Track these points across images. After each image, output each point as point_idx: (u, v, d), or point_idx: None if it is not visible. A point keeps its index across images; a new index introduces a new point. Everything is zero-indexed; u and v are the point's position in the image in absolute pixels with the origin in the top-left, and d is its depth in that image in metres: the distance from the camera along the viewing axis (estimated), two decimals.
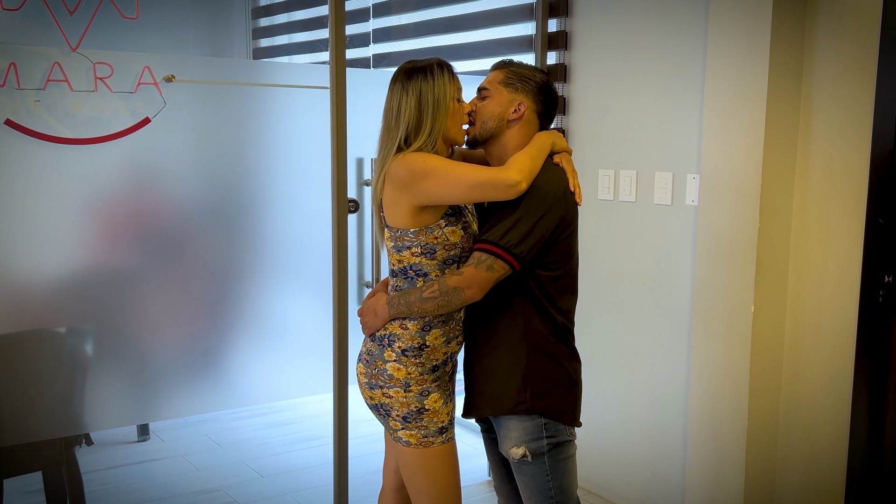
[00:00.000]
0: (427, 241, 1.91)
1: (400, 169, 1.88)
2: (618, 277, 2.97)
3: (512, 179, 1.81)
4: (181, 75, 2.43)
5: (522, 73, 1.98)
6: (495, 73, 2.01)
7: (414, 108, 1.89)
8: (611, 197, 2.97)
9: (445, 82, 1.91)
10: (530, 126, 1.99)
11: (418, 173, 1.85)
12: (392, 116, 1.93)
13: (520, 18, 3.16)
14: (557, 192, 1.88)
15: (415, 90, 1.90)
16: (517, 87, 1.97)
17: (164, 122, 2.43)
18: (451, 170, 1.85)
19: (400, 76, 1.93)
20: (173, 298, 2.62)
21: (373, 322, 1.98)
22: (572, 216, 1.93)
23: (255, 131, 2.69)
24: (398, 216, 1.92)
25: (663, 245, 2.82)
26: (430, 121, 1.90)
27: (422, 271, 1.93)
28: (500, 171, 1.84)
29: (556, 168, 1.95)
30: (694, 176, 2.70)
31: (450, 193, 1.86)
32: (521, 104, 1.96)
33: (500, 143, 1.98)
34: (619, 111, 2.92)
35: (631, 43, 2.86)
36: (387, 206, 1.94)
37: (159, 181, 2.48)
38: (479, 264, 1.84)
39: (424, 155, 1.88)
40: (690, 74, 2.69)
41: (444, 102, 1.90)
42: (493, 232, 1.85)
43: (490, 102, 1.97)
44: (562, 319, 1.95)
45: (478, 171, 1.84)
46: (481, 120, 1.97)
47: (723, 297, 2.59)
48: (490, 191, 1.84)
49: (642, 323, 2.91)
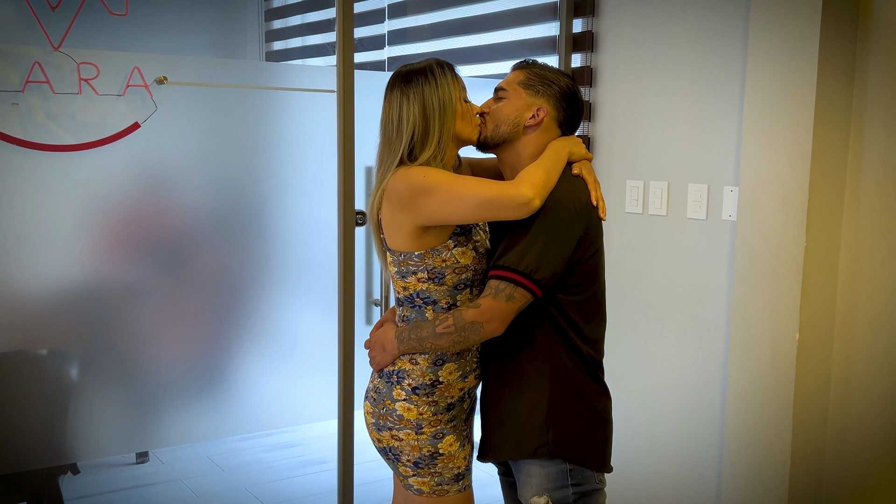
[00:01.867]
0: (434, 264, 1.71)
1: (398, 185, 1.68)
2: (647, 298, 2.75)
3: (524, 196, 1.61)
4: (174, 77, 2.24)
5: (545, 75, 1.78)
6: (515, 73, 1.81)
7: (419, 115, 1.70)
8: (639, 210, 2.75)
9: (449, 82, 1.72)
10: (549, 135, 1.79)
11: (418, 190, 1.65)
12: (392, 127, 1.72)
13: (542, 18, 2.97)
14: (578, 207, 1.68)
15: (417, 95, 1.70)
16: (538, 91, 1.76)
17: (155, 127, 2.24)
18: (455, 186, 1.65)
19: (397, 82, 1.74)
20: (169, 316, 2.44)
21: (381, 358, 1.78)
22: (596, 233, 1.72)
23: (256, 138, 2.51)
24: (399, 238, 1.72)
25: (697, 264, 2.60)
26: (437, 126, 1.70)
27: (430, 299, 1.73)
28: (511, 187, 1.63)
29: (576, 179, 1.74)
30: (732, 188, 2.48)
31: (454, 212, 1.66)
32: (541, 110, 1.76)
33: (513, 151, 1.78)
34: (649, 117, 2.71)
35: (662, 44, 2.64)
36: (386, 227, 1.75)
37: (149, 191, 2.30)
38: (497, 294, 1.63)
39: (425, 169, 1.68)
40: (728, 77, 2.47)
41: (451, 104, 1.71)
42: (509, 256, 1.64)
43: (506, 104, 1.77)
44: (588, 350, 1.73)
45: (485, 187, 1.64)
46: (494, 122, 1.77)
47: (764, 323, 2.36)
48: (499, 209, 1.63)
49: (673, 349, 2.68)
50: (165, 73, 2.23)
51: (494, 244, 1.78)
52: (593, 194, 1.73)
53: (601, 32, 2.85)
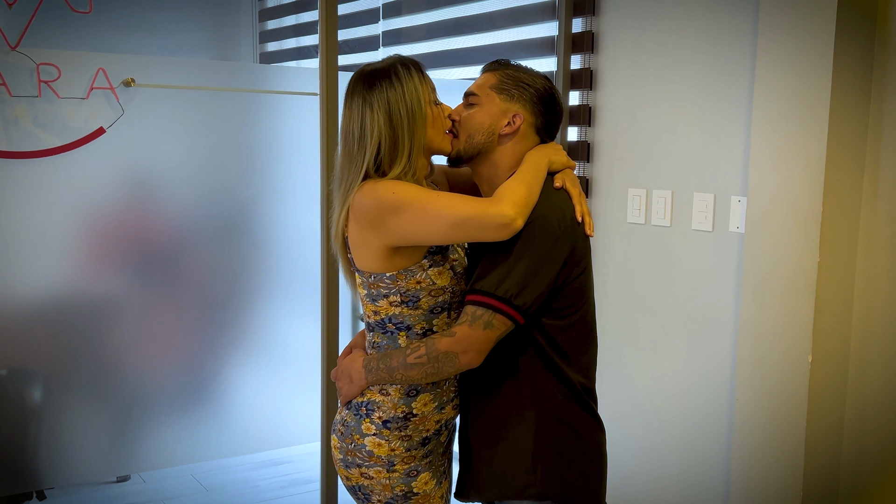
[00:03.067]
0: (408, 286, 1.55)
1: (365, 202, 1.52)
2: (649, 314, 2.59)
3: (505, 216, 1.45)
4: (143, 79, 2.11)
5: (520, 77, 1.62)
6: (487, 75, 1.65)
7: (384, 124, 1.53)
8: (642, 220, 2.60)
9: (416, 84, 1.55)
10: (527, 142, 1.63)
11: (387, 208, 1.50)
12: (353, 139, 1.56)
13: (540, 18, 2.83)
14: (562, 223, 1.53)
15: (381, 102, 1.53)
16: (512, 95, 1.61)
17: (121, 132, 2.10)
18: (428, 203, 1.49)
19: (358, 87, 1.57)
20: (144, 331, 2.30)
21: (348, 389, 1.62)
22: (583, 251, 1.57)
23: (236, 143, 2.37)
24: (369, 259, 1.56)
25: (702, 277, 2.44)
26: (407, 137, 1.54)
27: (403, 324, 1.58)
28: (490, 205, 1.47)
29: (559, 192, 1.58)
30: (739, 198, 2.32)
31: (427, 233, 1.50)
32: (517, 116, 1.61)
33: (489, 162, 1.63)
34: (652, 123, 2.55)
35: (667, 45, 2.49)
36: (354, 246, 1.59)
37: (116, 200, 2.16)
38: (474, 322, 1.48)
39: (394, 184, 1.52)
40: (736, 79, 2.31)
41: (420, 110, 1.55)
42: (487, 279, 1.49)
43: (478, 112, 1.62)
44: (578, 378, 1.58)
45: (462, 205, 1.48)
46: (467, 132, 1.62)
47: (774, 343, 2.20)
48: (477, 230, 1.47)
49: (677, 369, 2.53)
50: (133, 74, 2.09)
51: (472, 262, 1.63)
52: (578, 209, 1.58)
53: (602, 32, 2.70)
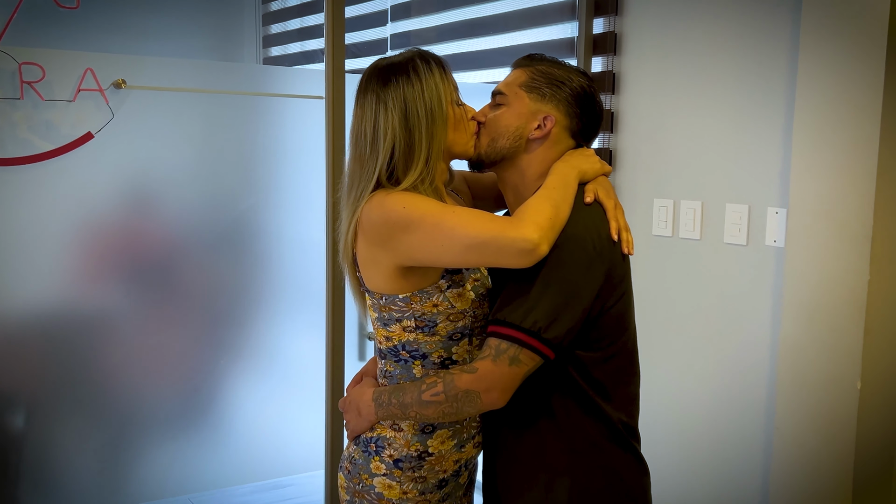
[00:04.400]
0: (423, 310, 1.39)
1: (373, 216, 1.36)
2: (677, 334, 2.42)
3: (527, 240, 1.27)
4: (134, 80, 1.95)
5: (554, 74, 1.46)
6: (517, 72, 1.49)
7: (399, 126, 1.37)
8: (668, 233, 2.43)
9: (437, 82, 1.39)
10: (559, 147, 1.46)
11: (396, 224, 1.33)
12: (365, 142, 1.39)
13: (559, 18, 2.68)
14: (597, 244, 1.35)
15: (397, 100, 1.37)
16: (544, 94, 1.44)
17: (111, 137, 1.94)
18: (442, 221, 1.32)
19: (371, 83, 1.41)
20: (137, 352, 2.14)
21: (356, 423, 1.46)
22: (621, 274, 1.40)
23: (232, 149, 2.21)
24: (379, 278, 1.40)
25: (736, 295, 2.27)
26: (425, 141, 1.37)
27: (419, 352, 1.41)
28: (510, 227, 1.29)
29: (591, 207, 1.41)
30: (777, 210, 2.15)
31: (440, 254, 1.33)
32: (548, 118, 1.44)
33: (515, 169, 1.47)
34: (679, 128, 2.39)
35: (696, 45, 2.33)
36: (363, 264, 1.43)
37: (105, 211, 2.00)
38: (498, 357, 1.31)
39: (405, 196, 1.35)
40: (774, 81, 2.14)
41: (440, 110, 1.38)
42: (513, 309, 1.32)
43: (506, 112, 1.45)
44: (619, 416, 1.41)
45: (480, 225, 1.31)
46: (491, 135, 1.45)
47: (818, 368, 2.02)
48: (496, 254, 1.30)
49: (707, 394, 2.35)
50: (124, 75, 1.93)
51: (496, 283, 1.46)
52: (613, 224, 1.40)
53: (625, 33, 2.54)
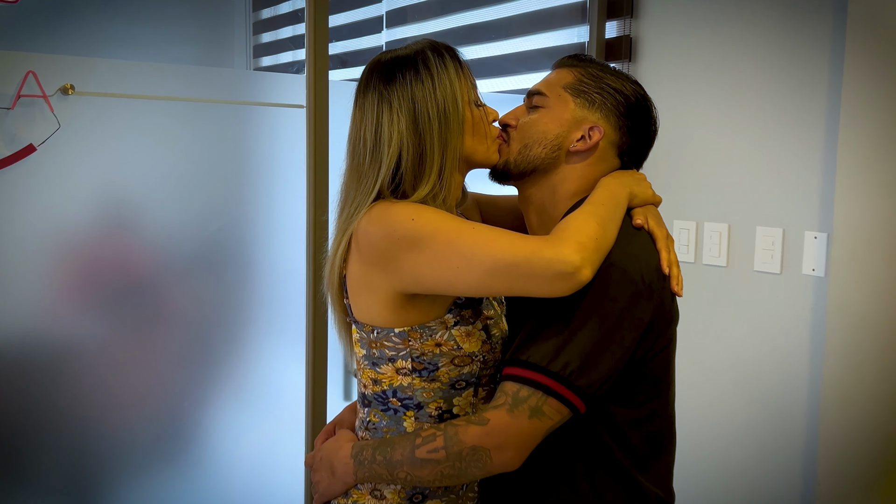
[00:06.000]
0: (423, 349, 1.15)
1: (372, 229, 1.12)
2: (700, 371, 2.16)
3: (567, 262, 1.03)
4: (84, 85, 1.71)
5: (604, 79, 1.23)
6: (561, 72, 1.25)
7: (407, 130, 1.14)
8: (691, 258, 2.18)
9: (452, 78, 1.16)
10: (602, 167, 1.24)
11: (402, 239, 1.09)
12: (364, 150, 1.16)
13: (568, 22, 2.47)
14: (646, 275, 1.11)
15: (404, 100, 1.14)
16: (592, 101, 1.22)
17: (57, 151, 1.70)
18: (459, 238, 1.08)
19: (373, 80, 1.18)
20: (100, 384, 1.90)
21: (328, 485, 1.21)
22: (669, 315, 1.16)
23: (200, 163, 1.97)
24: (372, 307, 1.16)
25: (768, 329, 2.01)
26: (437, 148, 1.14)
27: (413, 401, 1.16)
28: (546, 246, 1.05)
29: (640, 234, 1.18)
30: (816, 234, 1.90)
31: (452, 279, 1.08)
32: (595, 129, 1.21)
33: (546, 185, 1.23)
34: (703, 142, 2.14)
35: (721, 50, 2.09)
36: (353, 288, 1.18)
37: (50, 231, 1.75)
38: (516, 407, 1.06)
39: (414, 207, 1.12)
40: (814, 91, 1.90)
41: (456, 112, 1.15)
42: (538, 347, 1.08)
43: (544, 116, 1.22)
44: (655, 491, 1.16)
45: (506, 243, 1.06)
46: (524, 141, 1.22)
47: (868, 413, 1.76)
48: (525, 280, 1.05)
49: (736, 442, 2.09)
50: (73, 79, 1.69)
51: (514, 322, 1.22)
52: (664, 256, 1.17)
53: (641, 37, 2.31)
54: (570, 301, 1.06)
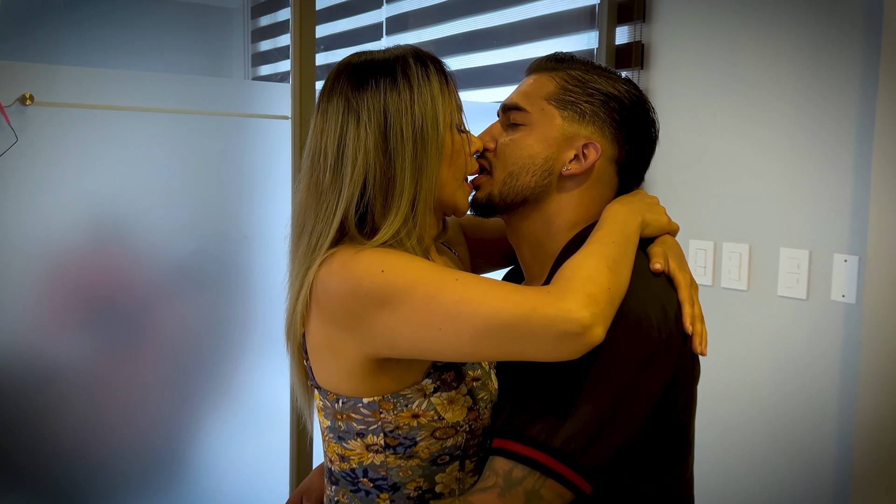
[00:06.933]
0: (398, 422, 0.98)
1: (334, 284, 0.94)
2: (717, 402, 1.99)
3: (574, 319, 0.85)
4: (45, 95, 1.57)
5: (591, 82, 1.05)
6: (540, 78, 1.07)
7: (374, 148, 0.96)
8: (708, 282, 2.01)
9: (435, 93, 0.98)
10: (602, 188, 1.06)
11: (371, 297, 0.92)
12: (325, 164, 0.99)
13: (576, 28, 2.33)
14: (664, 328, 0.93)
15: (374, 111, 0.97)
16: (583, 112, 1.04)
17: (14, 166, 1.56)
18: (441, 291, 0.90)
19: (340, 83, 1.00)
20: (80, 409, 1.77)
21: None
22: (689, 374, 0.97)
23: (181, 177, 1.83)
24: (336, 373, 0.99)
25: (793, 360, 1.85)
26: (409, 174, 0.96)
27: (388, 481, 1.00)
28: (548, 300, 0.87)
29: (657, 280, 0.99)
30: (847, 258, 1.74)
31: (433, 342, 0.91)
32: (590, 146, 1.04)
33: (540, 217, 1.06)
34: (721, 156, 1.98)
35: (742, 57, 1.93)
36: (315, 351, 1.01)
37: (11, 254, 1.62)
38: (509, 489, 0.89)
39: (385, 255, 0.93)
40: (846, 98, 1.74)
41: (436, 132, 0.97)
42: (534, 416, 0.91)
43: (527, 136, 1.05)
44: None
45: (501, 297, 0.88)
46: (507, 168, 1.05)
47: None
48: (524, 342, 0.87)
49: (758, 484, 1.91)
50: (31, 89, 1.55)
51: (504, 377, 1.05)
52: (687, 309, 0.97)
53: (654, 44, 2.16)
54: (575, 360, 0.89)
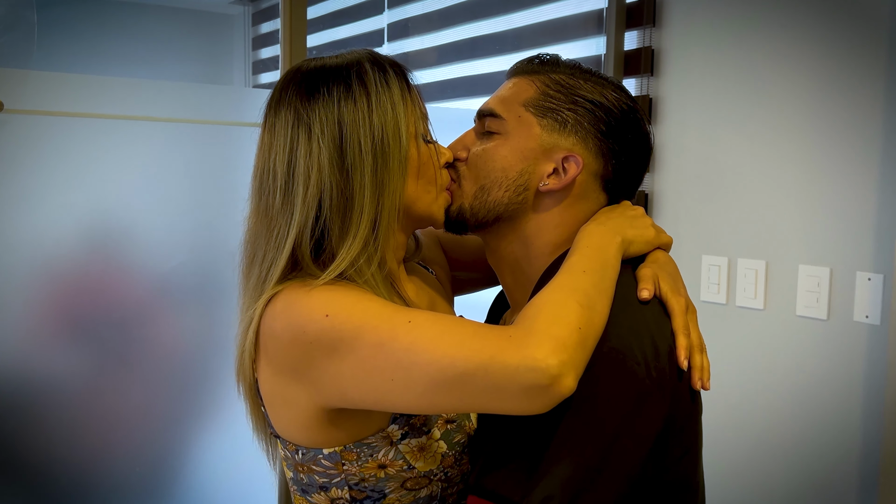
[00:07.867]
0: (363, 473, 0.88)
1: (279, 330, 0.84)
2: (731, 429, 1.88)
3: (540, 369, 0.74)
4: (15, 101, 1.48)
5: (577, 88, 0.94)
6: (520, 82, 0.97)
7: (329, 165, 0.86)
8: (722, 299, 1.91)
9: (396, 100, 0.88)
10: (586, 206, 0.96)
11: (315, 344, 0.82)
12: (275, 185, 0.89)
13: (582, 33, 2.24)
14: (655, 365, 0.82)
15: (328, 124, 0.86)
16: (564, 121, 0.94)
17: None
18: (392, 338, 0.80)
19: (289, 94, 0.90)
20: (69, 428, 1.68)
21: None
22: (686, 415, 0.86)
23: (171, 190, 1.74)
24: (291, 422, 0.89)
25: (813, 384, 1.74)
26: (370, 192, 0.86)
27: None
28: (510, 347, 0.75)
29: (647, 308, 0.87)
30: (871, 276, 1.63)
31: (385, 393, 0.80)
32: (570, 159, 0.93)
33: (517, 237, 0.97)
34: (736, 168, 1.88)
35: (757, 62, 1.83)
36: (267, 398, 0.91)
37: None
38: None
39: (331, 296, 0.83)
40: (870, 106, 1.64)
41: (398, 145, 0.87)
42: (509, 473, 0.80)
43: (501, 146, 0.94)
44: None
45: (457, 343, 0.77)
46: (478, 181, 0.95)
47: None
48: (484, 394, 0.76)
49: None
50: (1, 96, 1.46)
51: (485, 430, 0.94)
52: (682, 341, 0.86)
53: (664, 49, 2.05)
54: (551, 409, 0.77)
